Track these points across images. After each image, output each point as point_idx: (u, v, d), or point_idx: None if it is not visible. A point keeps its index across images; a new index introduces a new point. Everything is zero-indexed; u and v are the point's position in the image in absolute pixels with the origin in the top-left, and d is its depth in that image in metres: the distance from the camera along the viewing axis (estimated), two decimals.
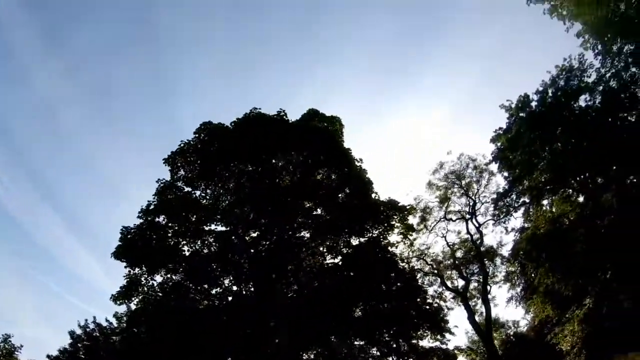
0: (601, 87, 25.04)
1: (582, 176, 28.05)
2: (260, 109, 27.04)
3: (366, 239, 28.12)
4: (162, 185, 26.05)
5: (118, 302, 25.04)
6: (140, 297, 24.89)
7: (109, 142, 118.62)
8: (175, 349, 22.26)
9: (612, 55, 21.82)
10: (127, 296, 24.57)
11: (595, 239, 24.95)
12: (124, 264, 24.23)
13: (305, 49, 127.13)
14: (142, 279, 24.86)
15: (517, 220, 34.48)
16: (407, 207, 29.27)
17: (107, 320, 45.33)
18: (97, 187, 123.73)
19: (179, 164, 26.37)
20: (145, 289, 24.91)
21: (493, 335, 37.24)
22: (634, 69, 22.11)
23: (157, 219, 25.22)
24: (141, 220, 25.00)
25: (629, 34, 20.31)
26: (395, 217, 28.06)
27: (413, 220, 32.05)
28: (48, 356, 50.87)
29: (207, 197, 27.25)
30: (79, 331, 44.98)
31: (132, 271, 24.54)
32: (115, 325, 43.99)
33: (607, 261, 24.44)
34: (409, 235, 30.36)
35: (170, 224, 25.38)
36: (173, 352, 22.22)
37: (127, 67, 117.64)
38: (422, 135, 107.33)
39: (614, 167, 25.42)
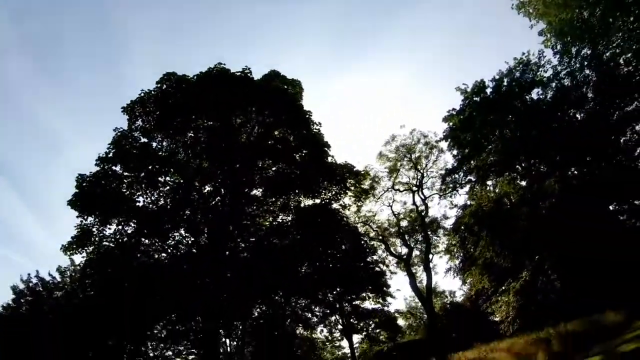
0: (554, 84, 26.56)
1: (527, 162, 29.80)
2: (224, 64, 26.93)
3: (319, 200, 28.94)
4: (118, 134, 25.67)
5: (68, 253, 25.00)
6: (91, 249, 24.87)
7: (54, 96, 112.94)
8: (133, 299, 22.83)
9: (570, 56, 23.08)
10: (80, 246, 24.53)
11: (535, 220, 26.88)
12: (76, 213, 24.03)
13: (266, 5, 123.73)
14: (95, 229, 24.76)
15: (461, 197, 36.39)
16: (362, 172, 30.32)
17: (50, 275, 45.19)
18: (38, 140, 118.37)
19: (137, 114, 26.02)
20: (97, 239, 24.86)
21: (433, 302, 39.65)
22: (587, 71, 23.45)
23: (113, 168, 24.99)
24: (97, 169, 24.77)
25: (588, 39, 21.46)
26: (351, 180, 28.90)
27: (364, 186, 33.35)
28: None
29: (164, 149, 27.08)
30: (21, 286, 44.62)
31: (84, 221, 24.39)
32: (59, 280, 43.99)
33: (544, 241, 26.52)
34: (362, 199, 31.59)
35: (125, 174, 25.22)
36: (130, 303, 22.73)
37: (76, 18, 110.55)
38: (379, 102, 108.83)
39: (558, 158, 27.15)
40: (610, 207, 26.26)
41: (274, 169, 28.68)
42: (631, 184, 23.27)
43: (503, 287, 31.50)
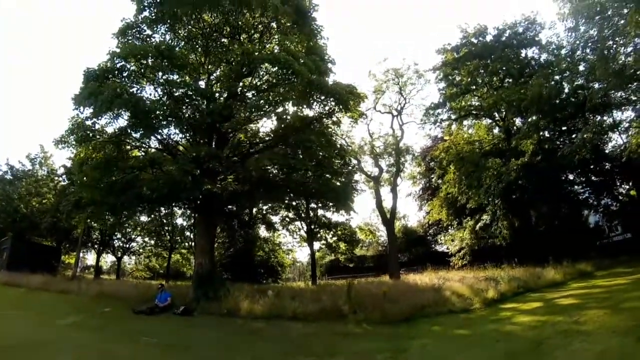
0: (552, 48, 28.79)
1: (507, 114, 32.58)
2: None
3: (312, 113, 30.01)
4: (125, 24, 26.00)
5: (60, 147, 25.10)
6: (80, 140, 24.88)
7: None
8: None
9: (578, 35, 25.07)
10: (78, 140, 24.74)
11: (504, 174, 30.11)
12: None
13: None
14: (89, 122, 24.51)
15: (437, 129, 38.91)
16: (362, 95, 31.43)
17: (19, 162, 48.71)
18: None
19: (146, 4, 25.85)
20: (89, 133, 24.71)
21: (394, 223, 43.31)
22: (588, 50, 25.73)
23: (121, 64, 24.87)
24: (104, 61, 24.81)
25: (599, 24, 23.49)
26: (351, 102, 29.53)
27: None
28: None
29: (165, 43, 27.06)
30: None
31: (79, 114, 24.25)
32: (29, 168, 44.89)
33: (505, 195, 30.04)
34: (359, 121, 33.20)
35: (131, 67, 25.21)
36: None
37: None
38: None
39: (535, 117, 30.00)
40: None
41: (271, 71, 28.92)
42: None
43: (458, 223, 35.65)
